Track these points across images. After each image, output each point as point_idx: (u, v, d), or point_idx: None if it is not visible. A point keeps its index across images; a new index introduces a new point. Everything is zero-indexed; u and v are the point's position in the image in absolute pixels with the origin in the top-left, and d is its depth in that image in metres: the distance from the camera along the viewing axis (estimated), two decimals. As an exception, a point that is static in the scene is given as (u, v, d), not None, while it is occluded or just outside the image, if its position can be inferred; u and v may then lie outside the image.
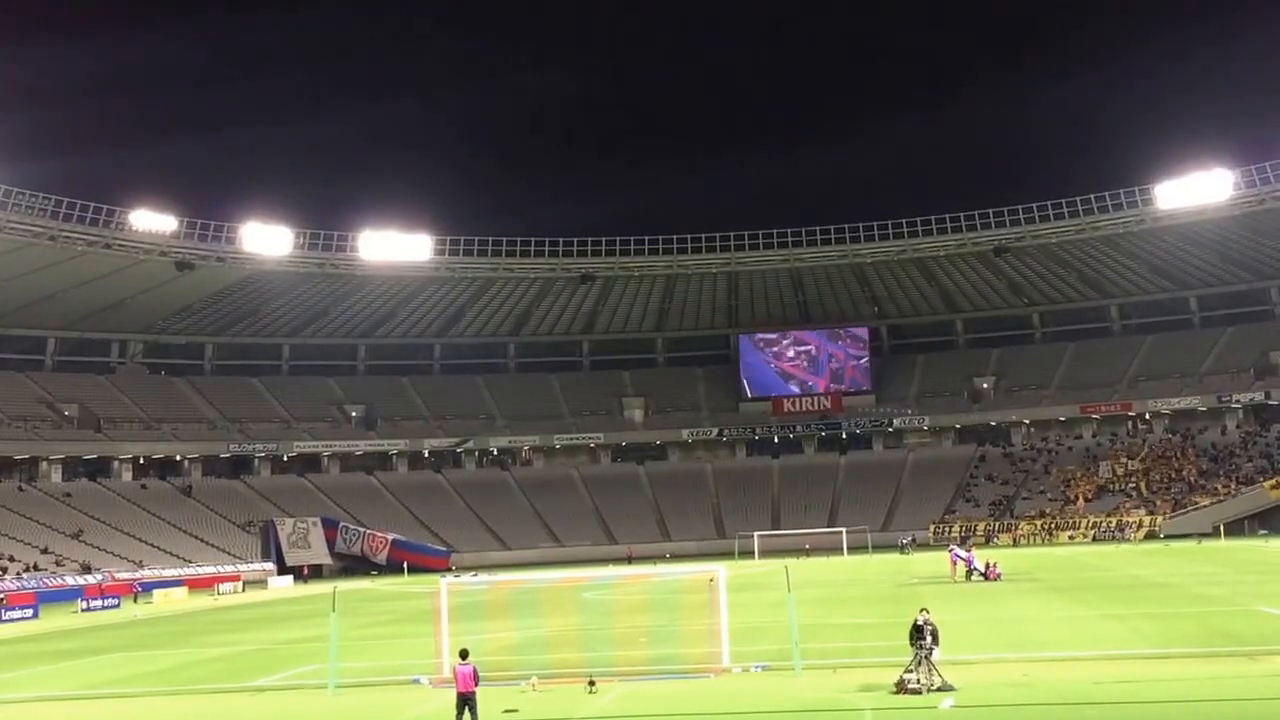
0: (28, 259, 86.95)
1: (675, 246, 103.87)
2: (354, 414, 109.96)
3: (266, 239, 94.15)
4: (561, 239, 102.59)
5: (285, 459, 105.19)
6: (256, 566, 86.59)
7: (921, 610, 24.30)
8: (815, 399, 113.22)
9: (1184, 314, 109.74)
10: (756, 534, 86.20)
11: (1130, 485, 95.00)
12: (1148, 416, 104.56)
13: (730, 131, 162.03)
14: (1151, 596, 40.99)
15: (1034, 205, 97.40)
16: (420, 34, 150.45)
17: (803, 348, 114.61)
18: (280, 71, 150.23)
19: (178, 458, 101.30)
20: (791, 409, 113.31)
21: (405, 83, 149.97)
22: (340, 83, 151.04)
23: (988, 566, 52.25)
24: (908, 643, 23.67)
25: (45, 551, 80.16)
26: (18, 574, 74.80)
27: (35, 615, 59.64)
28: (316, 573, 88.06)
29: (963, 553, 55.25)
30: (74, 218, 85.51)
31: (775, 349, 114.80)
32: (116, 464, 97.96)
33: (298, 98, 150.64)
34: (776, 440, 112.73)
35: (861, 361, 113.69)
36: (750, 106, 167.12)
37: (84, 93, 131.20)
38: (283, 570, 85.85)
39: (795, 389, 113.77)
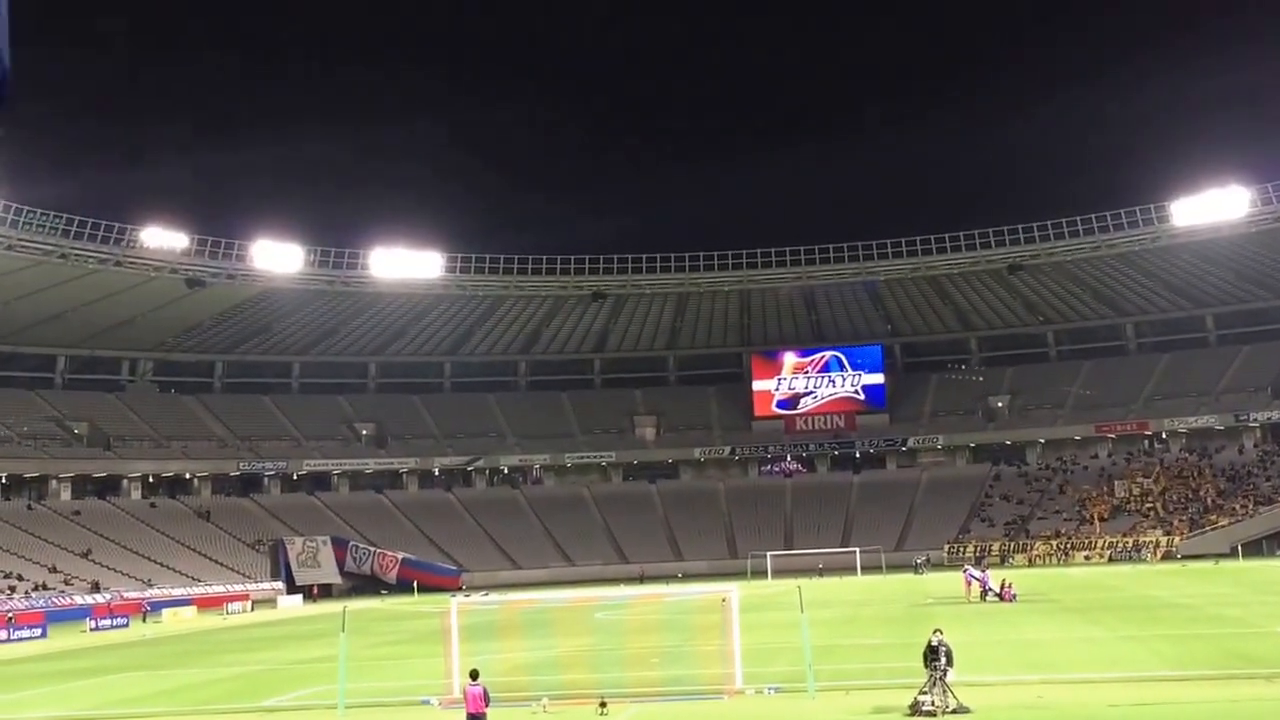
0: (39, 277, 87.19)
1: (687, 264, 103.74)
2: (364, 432, 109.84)
3: (277, 256, 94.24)
4: (573, 257, 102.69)
5: (295, 477, 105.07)
6: (266, 586, 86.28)
7: (936, 631, 24.00)
8: (828, 418, 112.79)
9: (1200, 332, 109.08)
10: (769, 553, 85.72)
11: (1147, 505, 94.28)
12: (1164, 436, 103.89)
13: (741, 148, 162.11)
14: (1168, 618, 40.54)
15: (1049, 223, 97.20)
16: (430, 50, 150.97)
17: (815, 366, 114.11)
18: (292, 88, 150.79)
19: (187, 476, 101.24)
20: (804, 428, 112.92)
21: (416, 99, 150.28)
22: (351, 99, 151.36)
23: (1003, 587, 51.79)
24: (922, 664, 23.37)
25: (54, 570, 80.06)
26: (26, 593, 74.65)
27: (44, 634, 59.46)
28: (326, 592, 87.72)
29: (977, 573, 54.83)
30: (85, 235, 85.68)
31: (787, 366, 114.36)
32: (126, 482, 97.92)
33: (309, 115, 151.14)
34: (789, 459, 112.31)
35: (875, 380, 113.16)
36: (762, 122, 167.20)
37: (95, 111, 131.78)
38: (292, 589, 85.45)
39: (808, 407, 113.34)
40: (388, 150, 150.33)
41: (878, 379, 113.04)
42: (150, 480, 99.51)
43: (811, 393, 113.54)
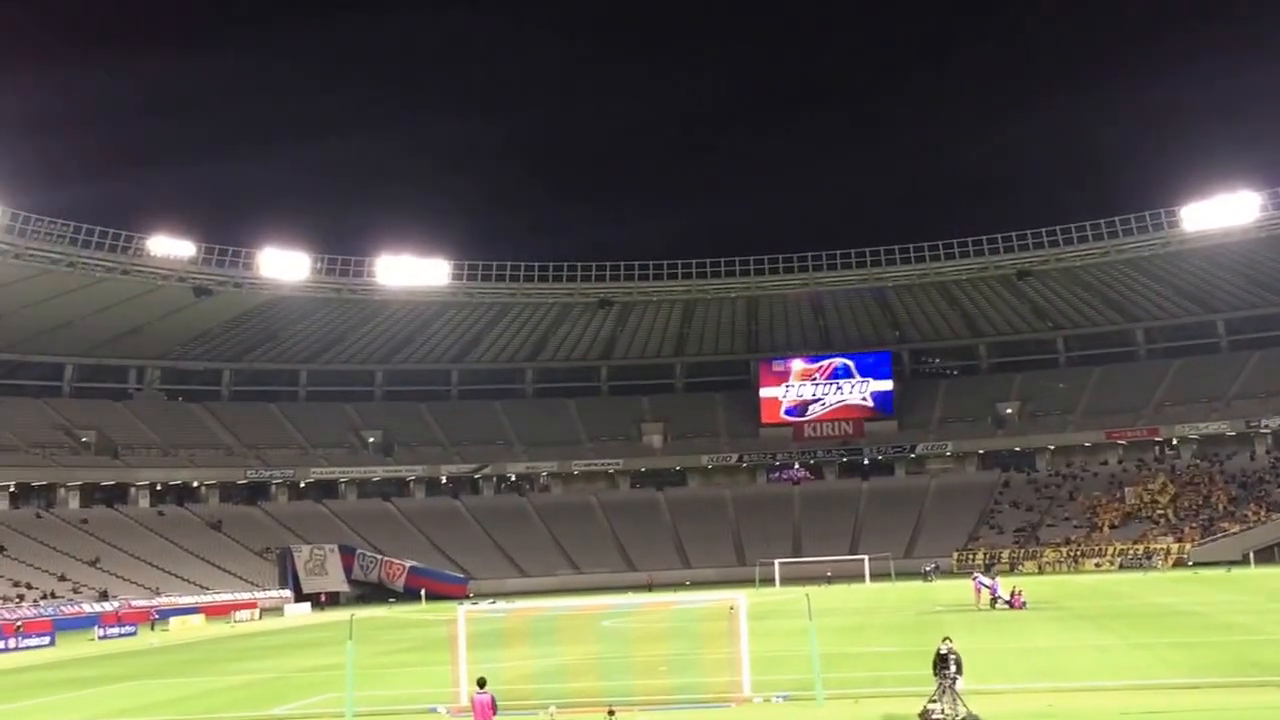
0: (46, 285, 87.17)
1: (694, 271, 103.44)
2: (371, 440, 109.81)
3: (284, 264, 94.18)
4: (580, 264, 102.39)
5: (302, 485, 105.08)
6: (273, 594, 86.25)
7: (945, 639, 23.87)
8: (836, 424, 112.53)
9: (1211, 338, 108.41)
10: (777, 561, 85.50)
11: (1157, 512, 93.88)
12: (1175, 442, 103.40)
13: (747, 154, 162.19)
14: (1180, 625, 40.32)
15: (1057, 228, 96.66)
16: (437, 60, 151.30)
17: (823, 372, 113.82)
18: (298, 96, 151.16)
19: (195, 484, 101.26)
20: (812, 434, 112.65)
21: (423, 108, 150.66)
22: (358, 108, 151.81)
23: (1013, 594, 51.59)
24: (931, 672, 23.22)
25: (62, 578, 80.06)
26: (35, 601, 74.65)
27: (52, 643, 59.40)
28: (333, 600, 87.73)
29: (987, 580, 54.70)
30: (92, 244, 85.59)
31: (795, 373, 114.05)
32: (134, 490, 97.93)
33: (316, 122, 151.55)
34: (797, 466, 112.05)
35: (883, 386, 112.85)
36: (767, 128, 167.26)
37: (102, 118, 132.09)
38: (300, 597, 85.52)
39: (816, 414, 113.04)
40: (394, 158, 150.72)
41: (886, 386, 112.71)
42: (158, 488, 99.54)
43: (820, 399, 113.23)
